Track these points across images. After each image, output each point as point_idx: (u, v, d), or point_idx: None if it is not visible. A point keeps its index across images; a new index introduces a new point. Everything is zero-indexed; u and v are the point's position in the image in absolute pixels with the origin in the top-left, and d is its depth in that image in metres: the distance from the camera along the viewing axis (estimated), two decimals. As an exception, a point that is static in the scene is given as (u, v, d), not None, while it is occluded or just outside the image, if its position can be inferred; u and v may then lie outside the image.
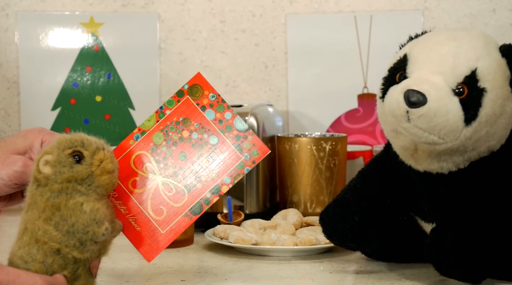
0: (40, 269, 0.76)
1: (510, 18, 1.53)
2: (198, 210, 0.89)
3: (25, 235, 0.78)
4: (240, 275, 0.99)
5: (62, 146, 0.79)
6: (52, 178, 0.78)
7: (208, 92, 0.91)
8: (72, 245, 0.77)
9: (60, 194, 0.78)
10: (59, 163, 0.78)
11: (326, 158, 1.29)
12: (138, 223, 0.89)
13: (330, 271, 0.99)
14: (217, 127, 0.90)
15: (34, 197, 0.79)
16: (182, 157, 0.90)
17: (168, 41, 1.56)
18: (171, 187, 0.89)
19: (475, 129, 0.84)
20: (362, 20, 1.55)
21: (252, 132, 0.90)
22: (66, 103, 1.55)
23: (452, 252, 0.85)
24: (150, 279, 0.97)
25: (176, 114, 0.91)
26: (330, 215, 0.98)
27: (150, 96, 1.56)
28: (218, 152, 0.90)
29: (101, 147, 0.81)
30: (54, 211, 0.77)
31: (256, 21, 1.55)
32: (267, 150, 0.90)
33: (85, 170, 0.79)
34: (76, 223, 0.77)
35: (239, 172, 0.89)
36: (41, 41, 1.55)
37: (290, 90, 1.56)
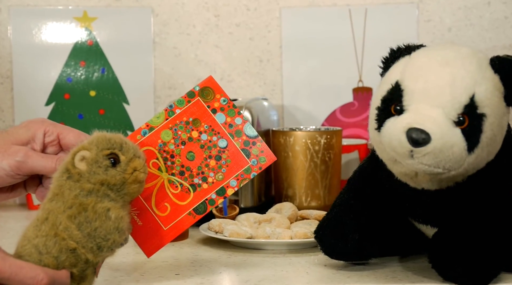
0: (52, 263, 0.76)
1: (505, 11, 1.52)
2: (202, 209, 0.90)
3: (45, 225, 0.77)
4: (234, 269, 0.98)
5: (101, 145, 0.79)
6: (85, 176, 0.78)
7: (219, 96, 0.92)
8: (89, 248, 0.77)
9: (90, 194, 0.77)
10: (95, 162, 0.78)
11: (321, 152, 1.29)
12: (140, 218, 0.89)
13: (325, 264, 0.99)
14: (227, 131, 0.91)
15: (62, 188, 0.78)
16: (190, 156, 0.91)
17: (162, 35, 1.55)
18: (177, 185, 0.90)
19: (477, 155, 0.84)
20: (356, 13, 1.54)
21: (261, 140, 0.92)
22: (60, 98, 1.54)
23: (458, 261, 0.86)
24: (144, 273, 0.96)
25: (186, 114, 0.92)
26: (327, 234, 0.96)
27: (145, 91, 1.56)
28: (226, 155, 0.91)
29: (138, 155, 0.80)
30: (80, 210, 0.77)
31: (250, 15, 1.55)
32: (274, 157, 0.92)
33: (119, 176, 0.78)
34: (99, 227, 0.77)
35: (246, 176, 0.91)
36: (34, 36, 1.54)
37: (285, 84, 1.56)
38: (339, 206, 0.97)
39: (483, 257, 0.86)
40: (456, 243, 0.87)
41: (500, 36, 1.53)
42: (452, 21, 1.53)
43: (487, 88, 0.84)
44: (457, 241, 0.87)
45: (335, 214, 0.97)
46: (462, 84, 0.83)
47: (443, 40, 1.54)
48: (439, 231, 0.91)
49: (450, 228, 0.89)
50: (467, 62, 0.85)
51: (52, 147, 0.88)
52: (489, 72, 0.85)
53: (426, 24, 1.53)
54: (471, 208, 0.89)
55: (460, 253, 0.86)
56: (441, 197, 0.89)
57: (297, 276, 0.95)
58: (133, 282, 0.92)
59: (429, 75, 0.84)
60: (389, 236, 0.97)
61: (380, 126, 0.86)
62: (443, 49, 0.87)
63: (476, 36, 1.53)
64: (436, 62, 0.85)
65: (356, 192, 0.98)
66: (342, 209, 0.97)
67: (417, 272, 0.94)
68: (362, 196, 0.97)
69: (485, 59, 0.87)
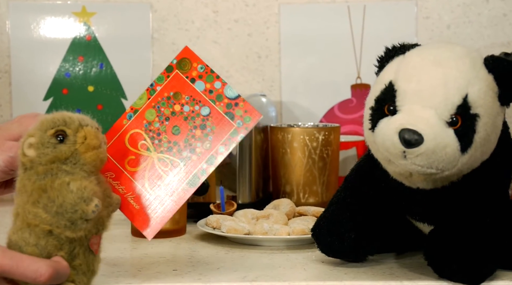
0: (34, 252, 0.76)
1: (504, 8, 1.52)
2: (195, 182, 0.89)
3: (18, 220, 0.77)
4: (232, 265, 0.98)
5: (44, 127, 0.78)
6: (36, 160, 0.77)
7: (196, 64, 0.91)
8: (63, 225, 0.76)
9: (46, 175, 0.77)
10: (42, 144, 0.78)
11: (319, 148, 1.29)
12: (137, 202, 0.89)
13: (322, 261, 0.99)
14: (208, 98, 0.90)
15: (22, 181, 0.78)
16: (175, 130, 0.90)
17: (161, 31, 1.55)
18: (167, 162, 0.89)
19: (471, 155, 0.84)
20: (355, 10, 1.54)
21: (243, 99, 0.90)
22: (58, 93, 1.54)
23: (453, 258, 0.86)
24: (142, 269, 0.96)
25: (166, 89, 0.91)
26: (324, 232, 0.96)
27: (143, 86, 1.54)
28: (210, 122, 0.90)
29: (85, 123, 0.79)
30: (40, 193, 0.76)
31: (249, 11, 1.55)
32: (259, 114, 0.90)
33: (68, 148, 0.78)
34: (63, 203, 0.76)
35: (233, 140, 0.89)
36: (33, 31, 1.54)
37: (283, 80, 1.56)
38: (335, 204, 0.97)
39: (478, 254, 0.86)
40: (452, 241, 0.87)
41: (498, 33, 1.53)
42: (451, 18, 1.53)
43: (481, 88, 0.83)
44: (452, 239, 0.87)
45: (332, 212, 0.97)
46: (455, 84, 0.83)
47: (442, 37, 1.54)
48: (435, 228, 0.91)
49: (446, 226, 0.89)
50: (460, 62, 0.85)
51: None
52: (482, 72, 0.85)
53: (424, 21, 1.53)
54: (466, 207, 0.89)
55: (455, 251, 0.86)
56: (436, 196, 0.90)
57: (294, 272, 0.95)
58: (130, 277, 0.92)
59: (422, 75, 0.84)
60: (385, 234, 0.97)
61: (374, 127, 0.86)
62: (437, 48, 0.87)
63: (475, 33, 1.53)
64: (429, 62, 0.85)
65: (353, 190, 0.98)
66: (338, 207, 0.97)
67: (414, 269, 0.94)
68: (359, 194, 0.97)
69: (479, 58, 0.87)
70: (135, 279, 0.91)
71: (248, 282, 0.89)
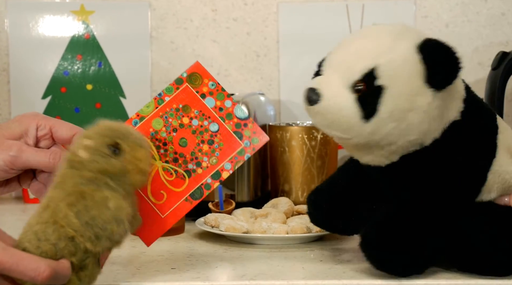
0: (50, 251, 0.75)
1: (502, 7, 1.53)
2: (198, 195, 0.90)
3: (46, 212, 0.77)
4: (230, 263, 0.99)
5: (103, 133, 0.78)
6: (86, 164, 0.77)
7: (207, 80, 0.92)
8: (87, 237, 0.76)
9: (90, 183, 0.77)
10: (96, 150, 0.77)
11: (318, 147, 1.29)
12: (138, 208, 0.89)
13: (321, 259, 1.00)
14: (218, 115, 0.92)
15: (64, 177, 0.78)
16: (182, 143, 0.91)
17: (160, 29, 1.55)
18: (171, 172, 0.90)
19: (377, 125, 0.85)
20: (354, 9, 1.54)
21: (252, 120, 0.92)
22: (56, 91, 1.54)
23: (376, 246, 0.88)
24: (140, 267, 0.96)
25: (175, 101, 0.92)
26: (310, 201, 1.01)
27: (141, 85, 1.56)
28: (218, 138, 0.91)
29: (142, 145, 0.80)
30: (79, 198, 0.76)
31: (247, 10, 1.55)
32: (267, 137, 0.92)
33: (120, 165, 0.78)
34: (97, 217, 0.76)
35: (240, 159, 0.91)
36: (31, 29, 1.54)
37: (282, 79, 1.56)
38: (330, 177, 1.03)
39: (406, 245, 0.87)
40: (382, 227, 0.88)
41: (497, 32, 1.53)
42: (449, 17, 1.54)
43: (393, 62, 0.85)
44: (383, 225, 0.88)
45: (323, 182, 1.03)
46: (365, 54, 0.86)
47: (440, 36, 1.53)
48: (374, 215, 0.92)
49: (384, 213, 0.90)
50: (383, 36, 0.87)
51: (45, 141, 0.88)
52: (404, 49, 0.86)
53: (423, 20, 1.53)
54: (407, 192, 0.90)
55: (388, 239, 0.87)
56: (383, 174, 0.92)
57: (293, 271, 0.95)
58: (128, 275, 0.92)
59: (343, 45, 0.89)
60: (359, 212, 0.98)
61: None
62: (379, 25, 0.91)
63: (473, 32, 1.53)
64: (358, 35, 0.91)
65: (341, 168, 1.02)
66: (328, 179, 1.02)
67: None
68: (344, 170, 1.00)
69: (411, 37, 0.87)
70: (133, 278, 0.92)
71: (247, 281, 0.90)
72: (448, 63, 0.86)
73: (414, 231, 0.88)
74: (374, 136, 0.86)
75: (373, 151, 0.89)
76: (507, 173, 0.92)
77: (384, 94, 0.85)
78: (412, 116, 0.85)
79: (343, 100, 0.85)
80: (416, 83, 0.85)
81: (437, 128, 0.88)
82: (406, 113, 0.85)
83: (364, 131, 0.86)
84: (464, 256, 0.90)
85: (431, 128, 0.87)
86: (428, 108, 0.86)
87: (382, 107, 0.85)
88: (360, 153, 0.91)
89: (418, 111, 0.85)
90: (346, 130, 0.86)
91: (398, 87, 0.85)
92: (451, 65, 0.86)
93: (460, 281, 0.89)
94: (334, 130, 0.87)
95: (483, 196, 0.92)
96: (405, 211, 0.89)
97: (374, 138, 0.86)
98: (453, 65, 0.86)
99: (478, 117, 0.92)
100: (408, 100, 0.85)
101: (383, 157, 0.90)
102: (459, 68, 0.86)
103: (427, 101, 0.85)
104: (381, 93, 0.85)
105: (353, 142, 0.88)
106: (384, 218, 0.90)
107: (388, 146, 0.88)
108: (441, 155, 0.89)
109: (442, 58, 0.86)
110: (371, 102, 0.85)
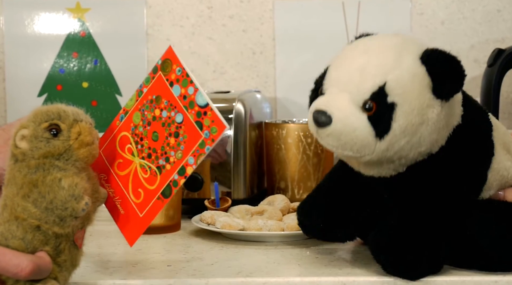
0: (20, 246, 0.76)
1: (498, 4, 1.53)
2: (168, 192, 0.84)
3: (5, 211, 0.77)
4: (226, 261, 0.99)
5: (38, 119, 0.78)
6: (29, 153, 0.77)
7: (175, 66, 0.84)
8: (52, 221, 0.76)
9: (38, 170, 0.77)
10: (35, 138, 0.77)
11: (314, 144, 1.29)
12: (122, 206, 0.87)
13: (317, 256, 1.00)
14: (182, 104, 0.84)
15: (12, 172, 0.78)
16: (154, 137, 0.85)
17: (155, 27, 1.55)
18: (146, 168, 0.86)
19: (390, 142, 0.85)
20: (350, 6, 1.54)
21: (211, 108, 0.81)
22: (52, 89, 1.54)
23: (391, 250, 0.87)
24: (136, 265, 0.96)
25: (150, 92, 0.87)
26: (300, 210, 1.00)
27: (138, 83, 1.54)
28: (183, 130, 0.83)
29: (79, 119, 0.79)
30: (31, 187, 0.76)
31: (243, 7, 1.55)
32: (224, 126, 0.81)
33: (62, 144, 0.77)
34: (54, 199, 0.76)
35: (201, 152, 0.82)
36: (27, 27, 1.54)
37: (278, 76, 1.56)
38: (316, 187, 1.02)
39: (416, 249, 0.87)
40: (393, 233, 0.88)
41: (493, 29, 1.53)
42: (445, 14, 1.54)
43: (402, 78, 0.84)
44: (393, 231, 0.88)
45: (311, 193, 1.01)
46: (373, 71, 0.85)
47: (436, 33, 1.54)
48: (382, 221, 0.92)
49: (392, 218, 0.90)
50: (387, 51, 0.86)
51: None
52: (410, 63, 0.85)
53: (419, 17, 1.53)
54: (414, 201, 0.90)
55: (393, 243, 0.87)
56: (387, 185, 0.91)
57: (288, 268, 0.95)
58: (124, 273, 0.92)
59: (346, 62, 0.88)
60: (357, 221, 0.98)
61: None
62: (374, 38, 0.90)
63: (469, 29, 1.53)
64: (358, 50, 0.88)
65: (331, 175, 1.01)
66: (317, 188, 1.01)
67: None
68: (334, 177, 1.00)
69: (414, 50, 0.87)
70: (129, 275, 0.91)
71: (243, 278, 0.90)
72: (454, 74, 0.85)
73: (425, 234, 0.88)
74: (387, 152, 0.86)
75: (382, 165, 0.88)
76: (505, 169, 0.93)
77: (396, 111, 0.84)
78: (423, 129, 0.85)
79: (355, 120, 0.84)
80: (425, 96, 0.84)
81: (444, 136, 0.88)
82: (418, 127, 0.85)
83: (378, 149, 0.85)
84: (469, 253, 0.90)
85: (439, 138, 0.87)
86: (437, 119, 0.85)
87: (395, 124, 0.84)
88: (367, 168, 0.90)
89: (428, 124, 0.85)
90: (359, 150, 0.85)
91: (409, 103, 0.84)
92: (456, 75, 0.85)
93: (468, 278, 0.89)
94: (346, 150, 0.85)
95: (483, 193, 0.93)
96: (414, 215, 0.89)
97: (387, 154, 0.86)
98: (458, 75, 0.85)
99: (475, 118, 0.92)
100: (419, 114, 0.84)
101: (390, 169, 0.89)
102: (464, 77, 0.85)
103: (437, 112, 0.85)
104: (393, 110, 0.84)
105: (365, 160, 0.87)
106: (394, 223, 0.89)
107: (399, 159, 0.87)
108: (446, 160, 0.89)
109: (448, 70, 0.85)
110: (383, 120, 0.84)
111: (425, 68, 0.85)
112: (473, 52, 1.54)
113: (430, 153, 0.88)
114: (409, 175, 0.89)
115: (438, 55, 0.86)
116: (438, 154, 0.88)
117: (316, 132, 0.87)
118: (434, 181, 0.90)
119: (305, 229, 1.00)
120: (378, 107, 0.84)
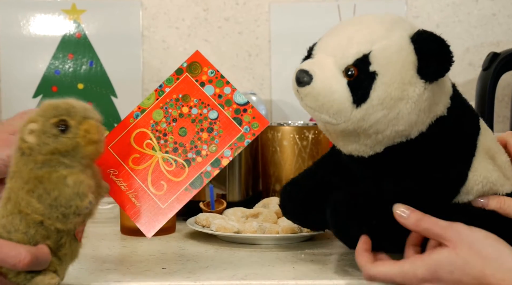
0: (22, 240, 0.76)
1: (493, 7, 1.53)
2: (198, 183, 0.90)
3: (9, 204, 0.77)
4: (221, 263, 0.99)
5: (47, 114, 0.78)
6: (36, 148, 0.77)
7: (207, 68, 0.93)
8: (55, 218, 0.76)
9: (44, 165, 0.76)
10: (43, 133, 0.77)
11: (309, 147, 1.29)
12: (138, 199, 0.90)
13: (312, 259, 1.00)
14: (217, 102, 0.92)
15: (18, 165, 0.77)
16: (182, 132, 0.92)
17: (151, 29, 1.55)
18: (171, 162, 0.91)
19: (367, 112, 0.85)
20: (345, 8, 1.55)
21: (252, 106, 0.92)
22: (47, 90, 1.54)
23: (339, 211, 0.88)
24: (131, 267, 0.96)
25: (175, 91, 0.93)
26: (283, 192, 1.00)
27: (133, 84, 1.56)
28: (218, 126, 0.92)
29: (88, 116, 0.79)
30: (37, 183, 0.76)
31: (239, 10, 1.55)
32: (267, 121, 0.92)
33: (70, 141, 0.77)
34: (59, 197, 0.76)
35: (239, 145, 0.91)
36: (22, 28, 1.53)
37: (274, 79, 1.56)
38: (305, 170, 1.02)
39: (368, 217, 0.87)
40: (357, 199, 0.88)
41: (487, 32, 1.54)
42: (440, 17, 1.54)
43: (387, 49, 0.85)
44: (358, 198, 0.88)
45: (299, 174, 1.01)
46: (359, 39, 0.86)
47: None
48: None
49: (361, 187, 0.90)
50: (378, 23, 0.87)
51: None
52: (399, 38, 0.86)
53: (414, 20, 1.54)
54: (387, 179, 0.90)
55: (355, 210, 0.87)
56: (365, 166, 0.91)
57: (283, 271, 0.95)
58: (119, 275, 0.92)
59: (337, 31, 0.89)
60: None
61: None
62: (372, 14, 0.91)
63: (464, 32, 1.54)
64: (352, 22, 0.90)
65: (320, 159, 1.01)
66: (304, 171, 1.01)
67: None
68: (321, 163, 1.00)
69: (405, 28, 0.87)
70: (124, 277, 0.91)
71: (237, 280, 0.90)
72: (441, 55, 0.86)
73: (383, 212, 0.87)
74: (363, 123, 0.86)
75: (359, 139, 0.89)
76: (485, 177, 0.92)
77: (376, 81, 0.84)
78: (402, 106, 0.85)
79: (335, 83, 0.85)
80: (408, 72, 0.85)
81: (424, 122, 0.88)
82: (397, 102, 0.85)
83: (354, 117, 0.85)
84: None
85: (418, 121, 0.87)
86: (418, 99, 0.86)
87: (373, 94, 0.84)
88: (345, 141, 0.90)
89: (408, 101, 0.85)
90: (335, 115, 0.86)
91: (390, 75, 0.85)
92: (443, 58, 0.86)
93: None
94: (323, 113, 0.86)
95: (461, 197, 0.92)
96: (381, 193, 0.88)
97: (363, 125, 0.86)
98: (445, 58, 0.86)
99: (463, 116, 0.92)
100: (399, 89, 0.85)
101: (368, 146, 0.89)
102: (451, 61, 0.86)
103: (418, 92, 0.85)
104: (373, 80, 0.84)
105: (340, 128, 0.87)
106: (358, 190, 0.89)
107: (375, 134, 0.87)
108: (425, 149, 0.89)
109: (435, 51, 0.86)
110: (362, 88, 0.85)
111: (414, 46, 0.85)
112: (468, 55, 1.54)
113: (408, 136, 0.88)
114: (386, 156, 0.89)
115: (428, 36, 0.86)
116: (417, 140, 0.88)
117: (296, 92, 0.88)
118: (409, 166, 0.89)
119: (284, 210, 0.99)
120: (359, 74, 0.85)
